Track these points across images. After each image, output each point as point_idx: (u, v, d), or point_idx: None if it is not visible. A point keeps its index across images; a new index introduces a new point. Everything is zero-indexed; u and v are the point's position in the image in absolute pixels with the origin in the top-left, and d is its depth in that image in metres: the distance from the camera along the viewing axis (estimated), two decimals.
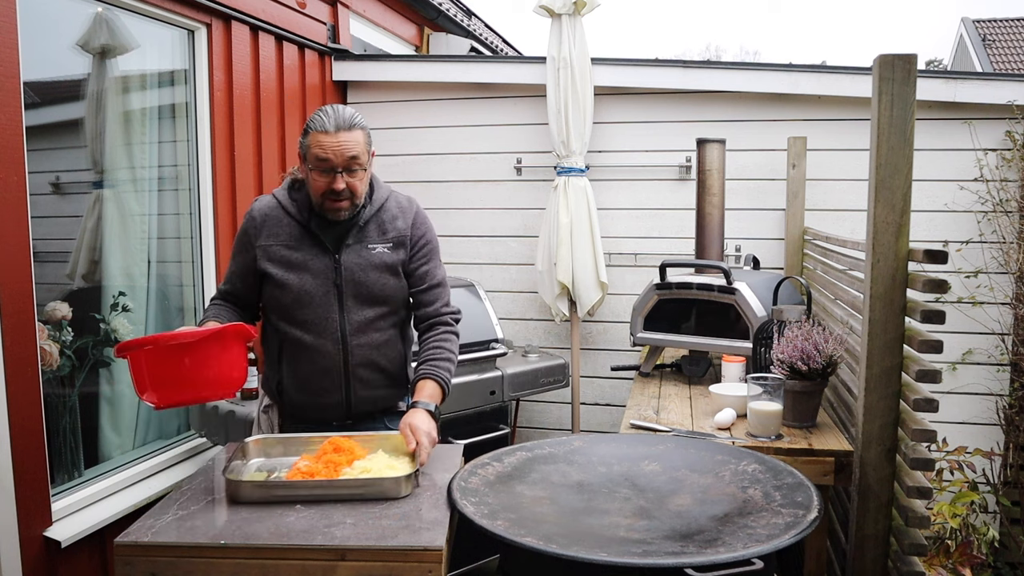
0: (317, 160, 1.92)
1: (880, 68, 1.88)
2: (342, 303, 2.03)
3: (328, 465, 1.72)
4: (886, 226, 1.91)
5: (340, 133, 1.90)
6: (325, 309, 2.02)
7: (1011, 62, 14.91)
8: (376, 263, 2.04)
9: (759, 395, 2.20)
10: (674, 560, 1.34)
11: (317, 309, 2.02)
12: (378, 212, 2.08)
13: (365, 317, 2.05)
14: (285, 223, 2.04)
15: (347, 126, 1.91)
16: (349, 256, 2.03)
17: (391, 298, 2.08)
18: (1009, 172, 3.48)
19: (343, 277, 2.02)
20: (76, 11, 2.78)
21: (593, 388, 4.10)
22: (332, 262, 2.02)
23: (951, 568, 2.44)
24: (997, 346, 3.53)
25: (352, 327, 2.04)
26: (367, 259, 2.04)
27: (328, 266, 2.02)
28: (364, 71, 4.15)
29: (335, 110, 1.94)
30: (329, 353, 2.03)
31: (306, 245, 2.03)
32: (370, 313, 2.05)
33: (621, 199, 3.96)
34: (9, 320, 2.27)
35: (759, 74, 3.72)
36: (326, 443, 1.82)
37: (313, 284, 2.01)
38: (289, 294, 2.01)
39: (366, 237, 2.05)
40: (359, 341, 2.04)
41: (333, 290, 2.02)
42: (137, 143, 3.05)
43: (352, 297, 2.03)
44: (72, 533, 2.46)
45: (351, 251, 2.04)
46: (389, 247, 2.07)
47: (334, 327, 2.03)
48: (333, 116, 1.92)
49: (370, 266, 2.04)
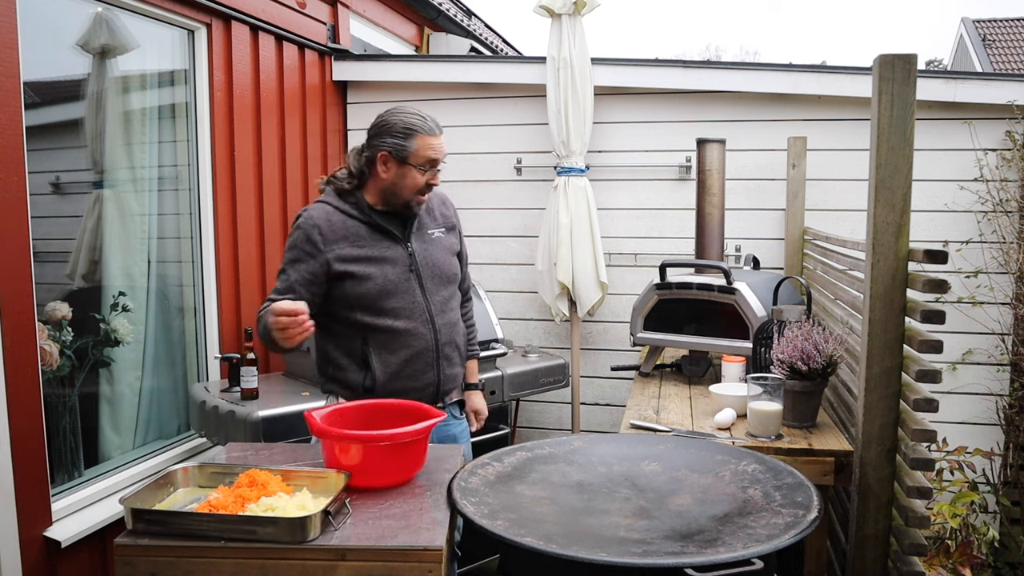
0: (427, 160, 2.10)
1: (880, 68, 1.88)
2: (423, 286, 2.18)
3: (237, 499, 1.57)
4: (886, 226, 1.91)
5: (442, 135, 2.13)
6: (411, 294, 2.16)
7: (1011, 62, 14.91)
8: (438, 246, 2.24)
9: (759, 395, 2.20)
10: (674, 560, 1.34)
11: (404, 296, 2.14)
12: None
13: (443, 297, 2.22)
14: (349, 225, 2.14)
15: (442, 129, 2.15)
16: (417, 243, 2.20)
17: (455, 276, 2.29)
18: (1009, 172, 3.48)
19: (418, 262, 2.18)
20: (76, 11, 2.78)
21: (593, 388, 4.10)
22: (405, 250, 2.17)
23: (951, 568, 2.44)
24: (997, 346, 3.53)
25: (436, 307, 2.20)
26: (431, 243, 2.23)
27: (402, 254, 2.17)
28: (364, 71, 4.15)
29: (427, 114, 2.13)
30: (423, 335, 2.16)
31: (375, 240, 2.15)
32: (445, 293, 2.24)
33: (621, 199, 3.96)
34: (9, 320, 2.28)
35: (759, 74, 3.72)
36: (242, 475, 1.66)
37: (394, 272, 2.14)
38: (375, 286, 2.11)
39: (423, 225, 2.23)
40: (443, 320, 2.21)
41: (413, 276, 2.17)
42: (137, 143, 3.06)
43: (429, 279, 2.19)
44: (72, 533, 2.46)
45: (416, 238, 2.20)
46: (443, 231, 2.28)
47: (422, 309, 2.17)
48: (432, 119, 2.12)
49: (436, 249, 2.23)
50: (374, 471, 1.71)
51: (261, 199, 3.54)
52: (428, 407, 1.87)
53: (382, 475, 1.72)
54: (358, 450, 1.69)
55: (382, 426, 1.77)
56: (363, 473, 1.69)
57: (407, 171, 2.10)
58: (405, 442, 1.71)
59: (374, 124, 2.14)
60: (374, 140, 2.12)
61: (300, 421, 2.69)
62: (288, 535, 1.46)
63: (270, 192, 3.59)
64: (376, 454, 1.69)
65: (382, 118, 2.13)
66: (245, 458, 1.93)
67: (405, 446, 1.72)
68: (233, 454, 1.96)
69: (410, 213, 2.18)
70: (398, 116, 2.10)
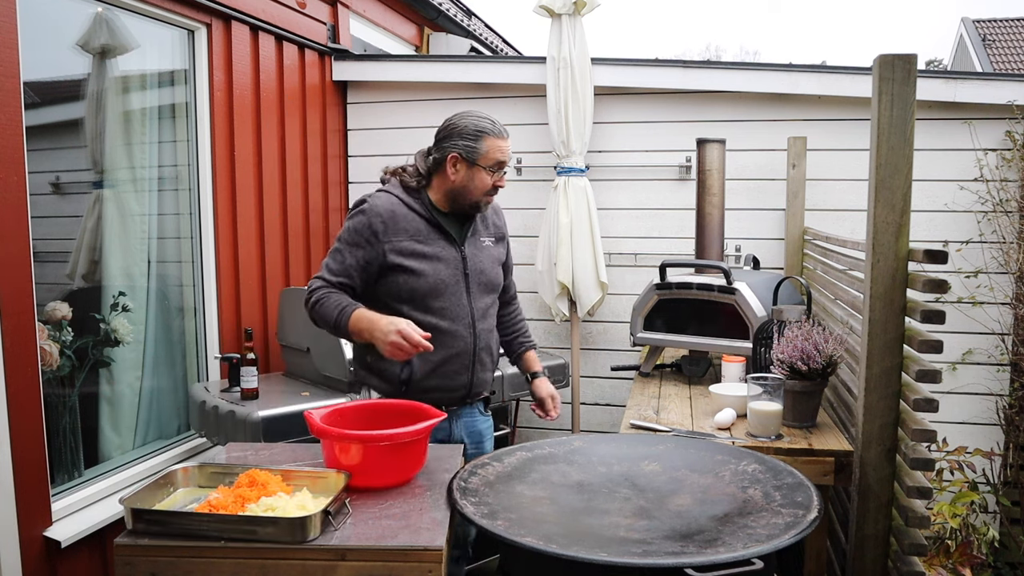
0: (496, 162, 2.17)
1: (880, 68, 1.88)
2: (469, 291, 2.23)
3: (237, 500, 1.57)
4: (886, 226, 1.91)
5: (508, 139, 2.20)
6: (458, 296, 2.21)
7: (1011, 62, 14.91)
8: (488, 254, 2.30)
9: (759, 395, 2.20)
10: (674, 560, 1.34)
11: (451, 297, 2.19)
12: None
13: (485, 304, 2.28)
14: (411, 219, 2.18)
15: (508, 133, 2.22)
16: (470, 248, 2.25)
17: (497, 286, 2.35)
18: (1009, 172, 3.48)
19: (468, 266, 2.23)
20: (76, 11, 2.79)
21: (593, 388, 4.09)
22: (459, 253, 2.22)
23: (951, 568, 2.44)
24: (997, 346, 3.53)
25: (478, 313, 2.24)
26: (482, 250, 2.29)
27: (456, 257, 2.22)
28: (364, 71, 4.15)
29: (494, 118, 2.20)
30: (463, 337, 2.20)
31: (433, 238, 2.20)
32: (488, 300, 2.30)
33: (621, 199, 3.96)
34: (9, 320, 2.28)
35: (759, 74, 3.72)
36: (242, 475, 1.65)
37: (447, 273, 2.19)
38: (426, 283, 2.16)
39: (477, 231, 2.30)
40: (483, 326, 2.26)
41: (463, 279, 2.22)
42: (137, 143, 3.06)
43: (476, 285, 2.25)
44: (72, 533, 2.46)
45: (470, 243, 2.26)
46: (492, 241, 2.34)
47: (466, 313, 2.21)
48: (499, 124, 2.19)
49: (485, 257, 2.29)
50: (374, 471, 1.70)
51: (261, 199, 3.54)
52: (428, 407, 1.87)
53: (382, 475, 1.72)
54: (358, 450, 1.69)
55: (382, 426, 1.77)
56: (363, 473, 1.69)
57: (476, 172, 2.16)
58: (405, 442, 1.70)
59: (443, 127, 2.20)
60: (444, 142, 2.18)
61: (300, 421, 2.68)
62: (288, 535, 1.46)
63: (270, 192, 3.59)
64: (376, 454, 1.69)
65: (451, 121, 2.18)
66: (245, 458, 1.93)
67: (405, 446, 1.72)
68: (233, 454, 1.96)
69: (477, 213, 2.24)
70: (468, 119, 2.16)
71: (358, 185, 4.29)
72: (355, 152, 4.29)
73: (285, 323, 3.31)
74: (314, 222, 3.96)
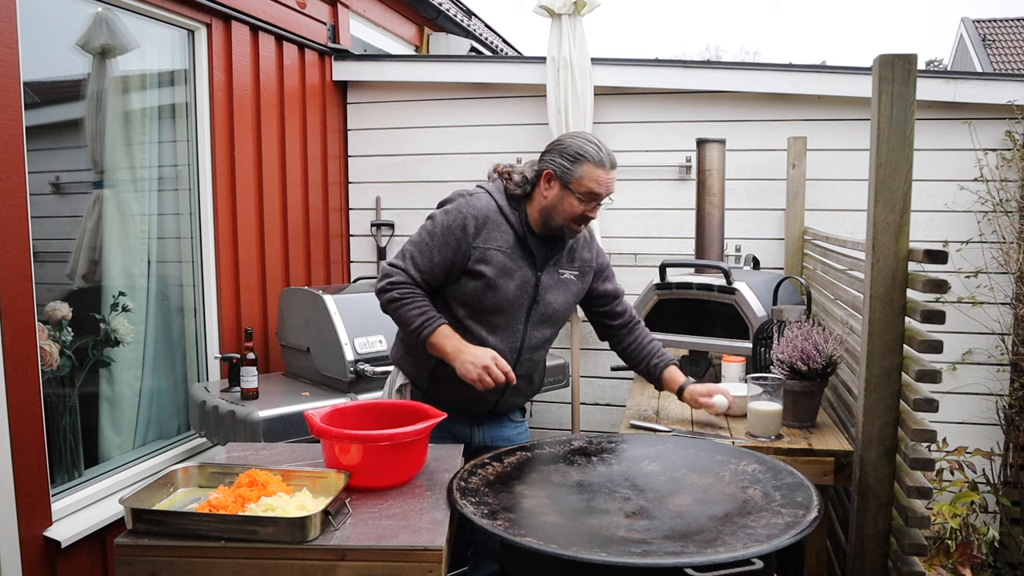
0: (589, 192, 2.04)
1: (880, 68, 1.88)
2: (529, 317, 2.14)
3: (238, 500, 1.57)
4: (886, 226, 1.91)
5: (612, 171, 2.07)
6: (516, 319, 2.13)
7: (1011, 62, 14.91)
8: (563, 289, 2.19)
9: (759, 395, 2.20)
10: (674, 560, 1.34)
11: (510, 317, 2.12)
12: (572, 242, 2.22)
13: (542, 335, 2.19)
14: (504, 228, 2.11)
15: (615, 165, 2.08)
16: (547, 276, 2.15)
17: (561, 321, 2.24)
18: (1009, 172, 3.48)
19: (539, 295, 2.14)
20: (76, 11, 2.79)
21: (593, 388, 4.10)
22: (534, 278, 2.13)
23: (951, 568, 2.44)
24: (997, 346, 3.53)
25: (529, 342, 2.16)
26: (559, 283, 2.17)
27: (530, 281, 2.12)
28: (364, 71, 4.15)
29: (605, 146, 2.07)
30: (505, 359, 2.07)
31: (517, 255, 2.11)
32: (547, 332, 2.20)
33: (621, 199, 3.95)
34: (9, 320, 2.28)
35: (759, 74, 3.72)
36: (242, 475, 1.65)
37: (515, 294, 2.10)
38: (493, 298, 2.08)
39: (561, 262, 2.19)
40: (530, 356, 2.18)
41: (527, 304, 2.13)
42: (137, 143, 3.06)
43: (537, 315, 2.15)
44: (72, 533, 2.46)
45: (550, 272, 2.16)
46: (576, 275, 2.22)
47: (517, 337, 2.14)
48: (607, 153, 2.06)
49: (560, 290, 2.17)
50: (374, 471, 1.70)
51: (261, 199, 3.54)
52: (428, 407, 1.86)
53: (382, 475, 1.72)
54: (358, 450, 1.69)
55: (382, 426, 1.77)
56: (363, 473, 1.69)
57: (566, 195, 2.05)
58: (405, 442, 1.70)
59: (551, 142, 2.12)
60: (545, 156, 2.10)
61: (300, 421, 2.69)
62: (288, 535, 1.46)
63: (270, 192, 3.59)
64: (376, 454, 1.69)
65: (560, 138, 2.10)
66: (245, 458, 1.93)
67: (405, 446, 1.71)
68: (233, 454, 1.96)
69: (561, 238, 2.13)
70: (575, 140, 2.06)
71: (358, 185, 4.29)
72: (355, 152, 4.29)
73: (285, 323, 3.31)
74: (314, 222, 3.96)
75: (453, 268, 2.08)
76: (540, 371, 2.29)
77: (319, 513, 1.48)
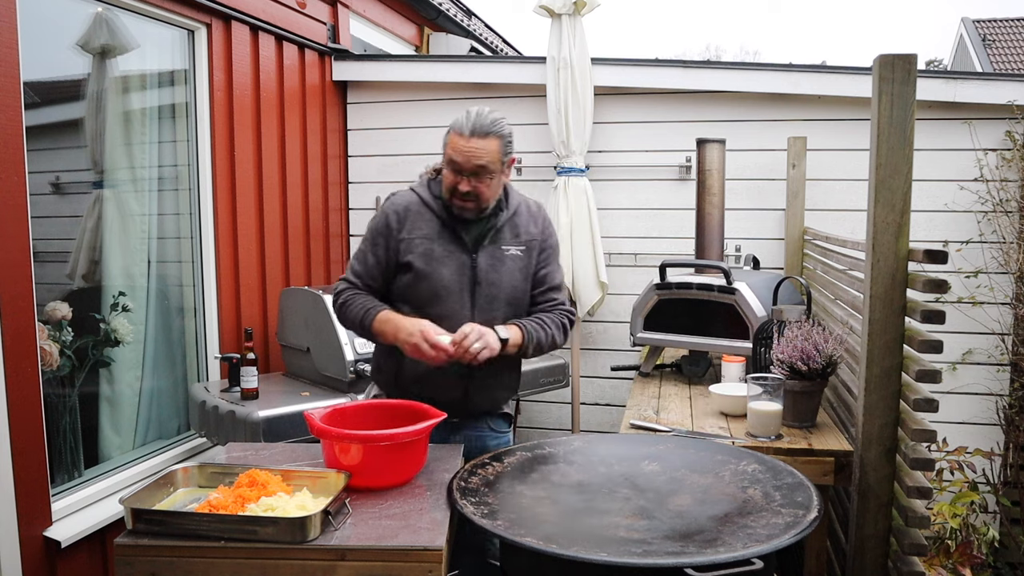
0: (448, 160, 2.01)
1: (880, 68, 1.88)
2: (474, 302, 2.08)
3: (238, 500, 1.57)
4: (886, 226, 1.91)
5: (473, 139, 1.97)
6: (459, 305, 2.06)
7: (1011, 62, 14.91)
8: (509, 264, 2.11)
9: (759, 395, 2.20)
10: (674, 560, 1.34)
11: (452, 305, 2.06)
12: (513, 216, 2.15)
13: (493, 318, 2.08)
14: (427, 217, 2.09)
15: (482, 133, 1.98)
16: (484, 257, 2.08)
17: (517, 301, 2.13)
18: (1009, 172, 3.48)
19: (478, 276, 2.07)
20: (76, 11, 2.79)
21: (593, 388, 4.09)
22: (469, 260, 2.07)
23: (951, 568, 2.44)
24: (997, 346, 3.53)
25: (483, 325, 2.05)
26: (501, 260, 2.10)
27: (465, 264, 2.07)
28: (364, 71, 4.15)
29: (478, 115, 2.00)
30: None
31: (445, 240, 2.07)
32: (497, 314, 2.10)
33: (621, 199, 3.96)
34: (9, 320, 2.28)
35: (759, 74, 3.72)
36: (242, 475, 1.65)
37: (450, 280, 2.06)
38: (427, 287, 2.05)
39: (501, 239, 2.11)
40: None
41: (468, 287, 2.07)
42: (137, 143, 3.06)
43: (484, 297, 2.08)
44: (72, 533, 2.46)
45: (487, 252, 2.09)
46: (522, 250, 2.13)
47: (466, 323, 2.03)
48: (472, 120, 1.98)
49: (503, 267, 2.10)
50: (374, 471, 1.70)
51: (261, 199, 3.54)
52: (428, 407, 1.86)
53: (382, 475, 1.72)
54: (358, 450, 1.69)
55: (382, 426, 1.77)
56: (363, 473, 1.69)
57: (444, 169, 2.04)
58: (405, 442, 1.70)
59: None
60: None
61: (300, 421, 2.69)
62: (288, 535, 1.46)
63: (270, 192, 3.59)
64: (376, 454, 1.69)
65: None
66: (245, 458, 1.93)
67: (405, 446, 1.71)
68: (233, 454, 1.96)
69: (464, 217, 2.06)
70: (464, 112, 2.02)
71: (358, 185, 4.29)
72: (355, 152, 4.29)
73: (285, 323, 3.31)
74: (314, 222, 3.96)
75: (388, 265, 2.09)
76: (512, 366, 2.20)
77: (319, 513, 1.48)
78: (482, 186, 2.01)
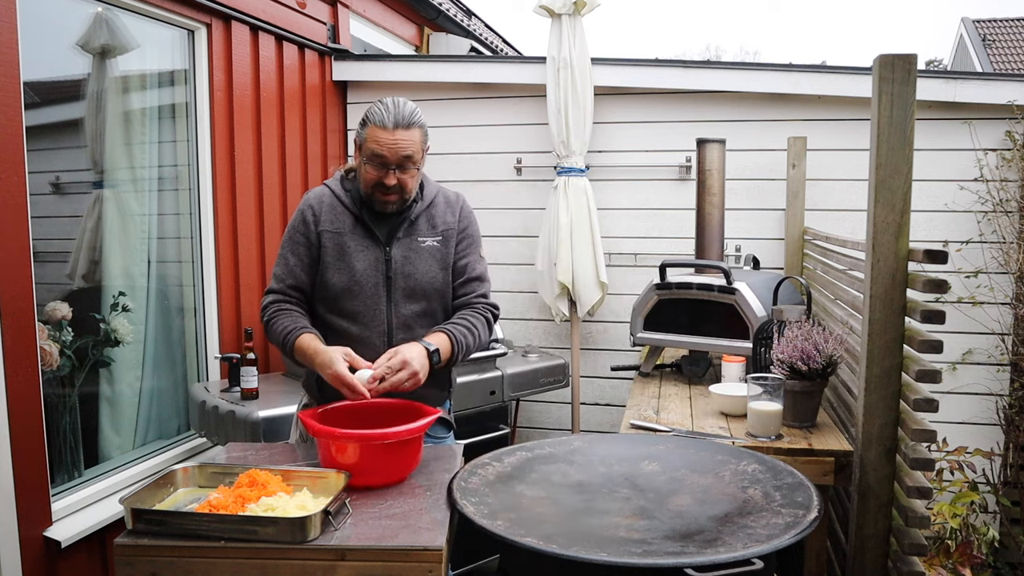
0: (372, 155, 1.94)
1: (880, 68, 1.88)
2: (390, 296, 2.03)
3: (238, 500, 1.57)
4: (886, 226, 1.91)
5: (398, 131, 1.92)
6: (374, 300, 2.02)
7: (1011, 62, 14.91)
8: (425, 256, 2.06)
9: (759, 395, 2.20)
10: (674, 560, 1.34)
11: (367, 300, 2.02)
12: (428, 207, 2.10)
13: (411, 311, 2.04)
14: (340, 211, 2.05)
15: (405, 124, 1.93)
16: (399, 249, 2.04)
17: (437, 293, 2.08)
18: (1009, 172, 3.48)
19: (393, 269, 2.03)
20: (76, 11, 2.79)
21: (593, 388, 4.10)
22: (383, 254, 2.03)
23: (951, 568, 2.44)
24: (997, 346, 3.53)
25: (398, 321, 2.03)
26: (418, 251, 2.05)
27: (379, 258, 2.03)
28: (364, 71, 4.15)
29: (396, 105, 1.95)
30: (375, 346, 1.99)
31: (358, 235, 2.03)
32: (416, 308, 2.05)
33: (621, 199, 3.96)
34: (9, 320, 2.28)
35: (759, 74, 3.72)
36: (242, 475, 1.66)
37: (362, 274, 2.01)
38: (339, 283, 2.01)
39: (416, 230, 2.06)
40: (404, 336, 2.02)
41: (383, 282, 2.02)
42: (137, 143, 3.06)
43: (400, 291, 2.03)
44: (72, 533, 2.46)
45: (401, 244, 2.04)
46: (439, 240, 2.08)
47: (381, 319, 2.02)
48: (392, 112, 1.93)
49: (419, 259, 2.05)
50: (370, 470, 1.71)
51: (261, 199, 3.54)
52: (423, 405, 1.86)
53: (378, 474, 1.72)
54: (354, 449, 1.69)
55: (377, 425, 1.77)
56: (359, 472, 1.69)
57: (363, 162, 1.98)
58: (400, 441, 1.71)
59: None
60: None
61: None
62: (288, 535, 1.46)
63: (270, 192, 3.59)
64: (372, 453, 1.70)
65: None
66: (245, 458, 1.93)
67: (400, 445, 1.72)
68: (233, 454, 1.96)
69: (386, 212, 2.01)
70: (373, 104, 1.97)
71: None
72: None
73: None
74: None
75: (313, 261, 2.04)
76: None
77: (319, 513, 1.48)
78: (407, 177, 1.97)
